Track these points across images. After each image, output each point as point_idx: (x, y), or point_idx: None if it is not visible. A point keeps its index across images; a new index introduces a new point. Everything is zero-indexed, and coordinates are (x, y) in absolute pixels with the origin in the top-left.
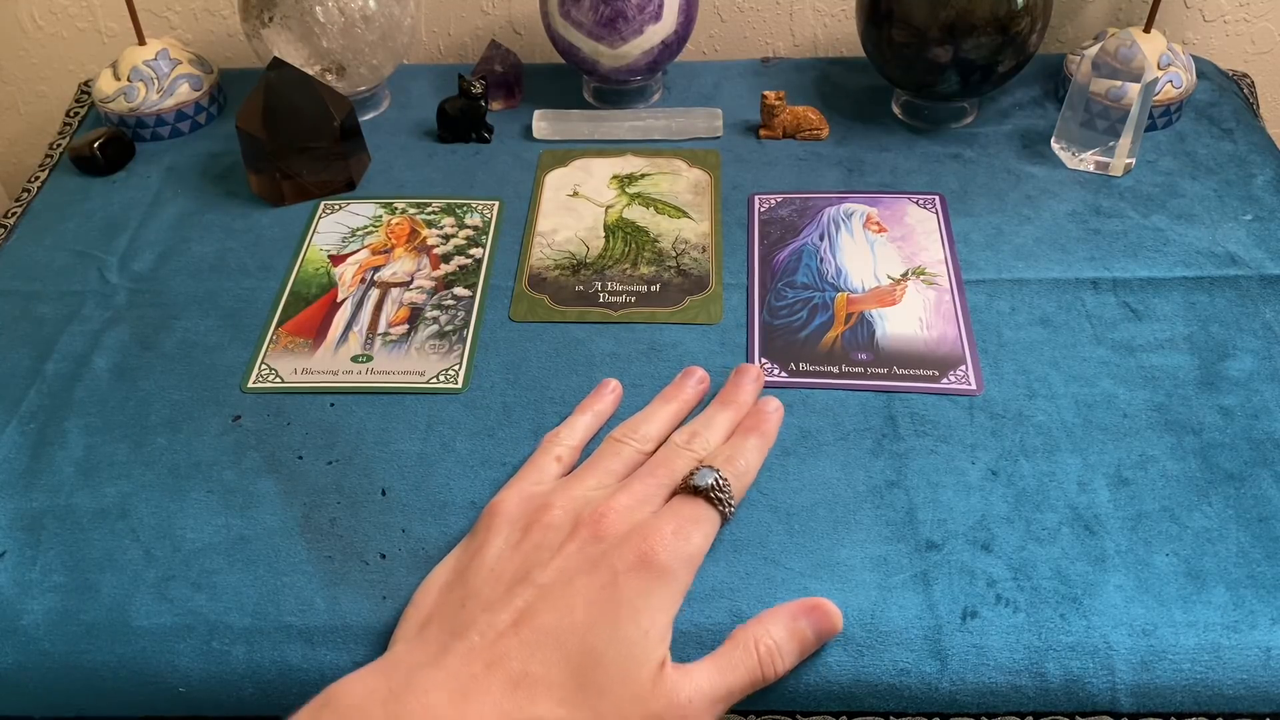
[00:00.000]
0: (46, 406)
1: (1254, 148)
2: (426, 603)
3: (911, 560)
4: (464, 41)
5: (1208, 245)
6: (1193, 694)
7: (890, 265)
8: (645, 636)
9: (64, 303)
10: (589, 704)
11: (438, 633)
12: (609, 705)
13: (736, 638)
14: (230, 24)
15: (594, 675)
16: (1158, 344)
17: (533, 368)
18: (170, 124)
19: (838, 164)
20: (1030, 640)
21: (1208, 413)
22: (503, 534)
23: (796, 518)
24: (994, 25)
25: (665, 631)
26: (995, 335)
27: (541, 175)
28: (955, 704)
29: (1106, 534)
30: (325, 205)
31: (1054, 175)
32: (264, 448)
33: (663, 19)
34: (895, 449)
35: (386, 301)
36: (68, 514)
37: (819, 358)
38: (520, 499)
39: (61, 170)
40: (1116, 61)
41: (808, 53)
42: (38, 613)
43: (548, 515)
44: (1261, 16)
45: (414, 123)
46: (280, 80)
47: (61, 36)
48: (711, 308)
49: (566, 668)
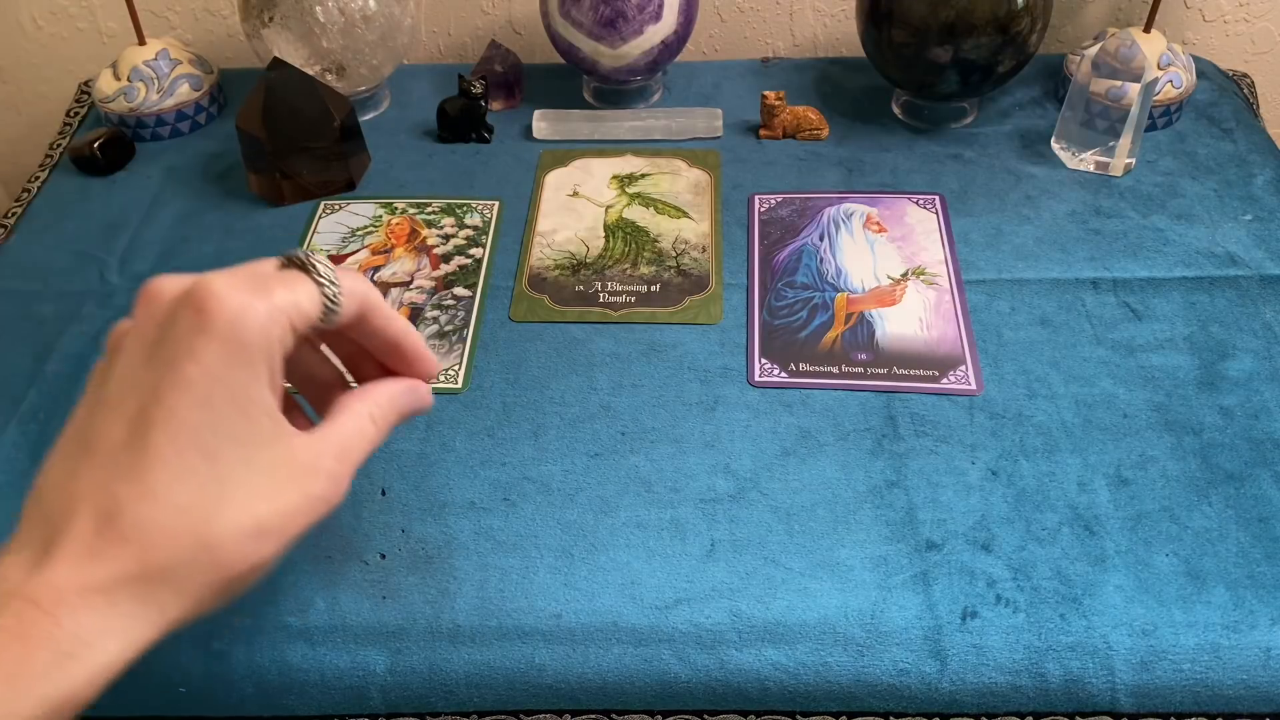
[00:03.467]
0: (46, 406)
1: (1254, 148)
2: None
3: (911, 560)
4: (464, 41)
5: (1208, 245)
6: (1193, 694)
7: (890, 265)
8: (244, 413)
9: (64, 303)
10: (234, 503)
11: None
12: (253, 498)
13: (346, 404)
14: (230, 24)
15: (220, 473)
16: (1158, 344)
17: (533, 368)
18: (170, 124)
19: (838, 164)
20: (1030, 640)
21: (1208, 413)
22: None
23: (796, 518)
24: (994, 25)
25: (268, 394)
26: (995, 335)
27: (541, 175)
28: (955, 704)
29: (1106, 534)
30: (325, 205)
31: (1054, 175)
32: None
33: (663, 19)
34: (895, 449)
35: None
36: None
37: (819, 358)
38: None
39: (61, 170)
40: (1116, 61)
41: (808, 53)
42: None
43: (113, 339)
44: (1261, 16)
45: (414, 123)
46: (280, 80)
47: (61, 36)
48: (711, 308)
49: (184, 478)
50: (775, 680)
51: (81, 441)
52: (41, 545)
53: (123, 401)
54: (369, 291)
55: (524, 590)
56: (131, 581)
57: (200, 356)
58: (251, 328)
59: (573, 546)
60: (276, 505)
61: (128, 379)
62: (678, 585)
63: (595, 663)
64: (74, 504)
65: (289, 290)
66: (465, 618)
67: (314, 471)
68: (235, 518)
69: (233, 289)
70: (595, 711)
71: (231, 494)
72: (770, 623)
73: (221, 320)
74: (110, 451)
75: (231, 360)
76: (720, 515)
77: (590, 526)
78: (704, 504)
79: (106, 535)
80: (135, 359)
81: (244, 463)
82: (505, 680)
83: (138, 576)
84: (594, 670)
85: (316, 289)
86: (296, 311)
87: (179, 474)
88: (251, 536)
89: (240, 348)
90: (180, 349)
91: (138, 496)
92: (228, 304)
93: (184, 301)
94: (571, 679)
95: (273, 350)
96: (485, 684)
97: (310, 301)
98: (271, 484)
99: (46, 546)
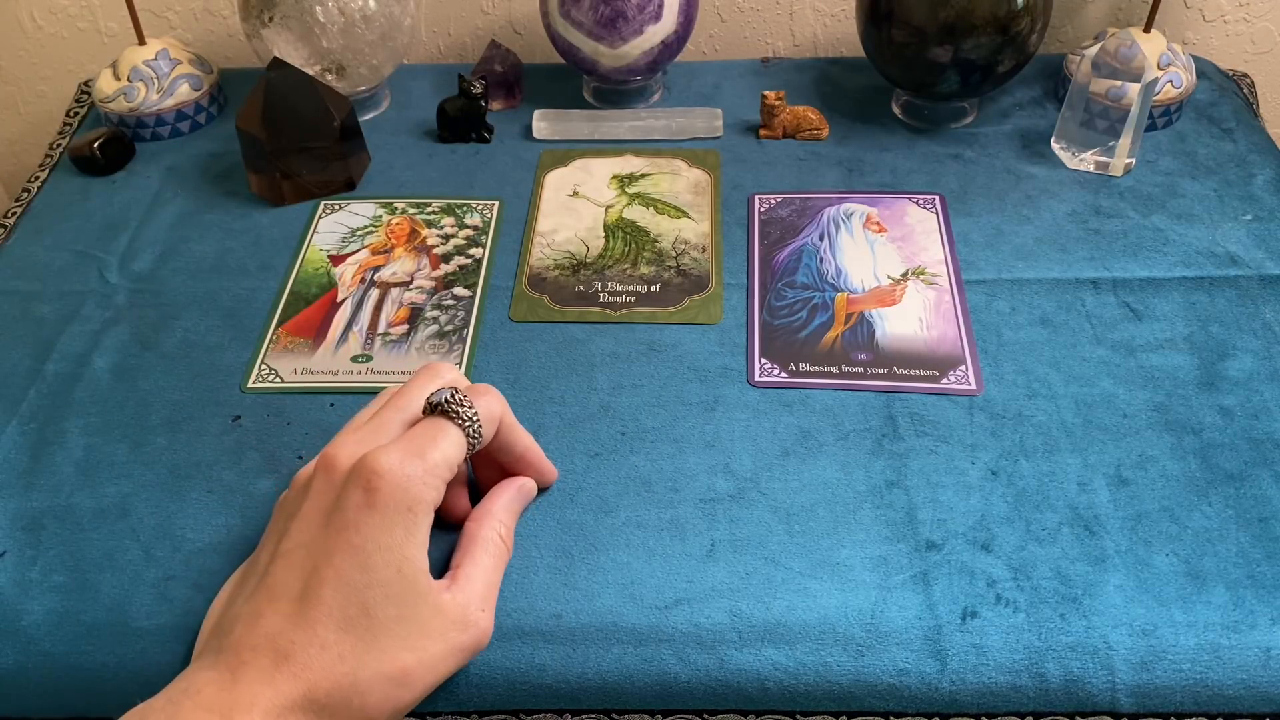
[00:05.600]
0: (46, 406)
1: (1254, 148)
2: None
3: (911, 560)
4: (464, 41)
5: (1208, 245)
6: (1193, 694)
7: (890, 265)
8: (400, 574)
9: (64, 303)
10: (384, 655)
11: (210, 638)
12: (403, 650)
13: (477, 535)
14: (230, 24)
15: (376, 628)
16: (1158, 344)
17: (533, 368)
18: (170, 124)
19: (838, 164)
20: (1030, 640)
21: (1208, 413)
22: (271, 523)
23: (796, 518)
24: (994, 25)
25: (421, 557)
26: (995, 335)
27: (541, 175)
28: (955, 704)
29: (1106, 534)
30: (325, 205)
31: (1054, 175)
32: (264, 448)
33: (663, 19)
34: (895, 449)
35: (386, 301)
36: (68, 514)
37: (819, 358)
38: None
39: (61, 170)
40: (1116, 61)
41: (808, 53)
42: (38, 613)
43: (297, 481)
44: (1261, 16)
45: (414, 123)
46: (280, 80)
47: (61, 36)
48: (711, 308)
49: (346, 631)
50: (775, 680)
51: (264, 585)
52: (229, 671)
53: (301, 560)
54: (504, 412)
55: (524, 590)
56: (297, 709)
57: (363, 527)
58: (410, 496)
59: (572, 546)
60: (422, 656)
61: (305, 540)
62: (677, 585)
63: (595, 663)
64: (258, 641)
65: (439, 448)
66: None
67: (462, 624)
68: (382, 666)
69: (394, 463)
70: (595, 711)
71: (383, 645)
72: (770, 623)
73: (383, 495)
74: (289, 599)
75: (390, 528)
76: (720, 515)
77: (590, 526)
78: (704, 504)
79: (283, 670)
80: (313, 523)
81: (397, 619)
82: (505, 680)
83: (303, 706)
84: (594, 670)
85: (461, 434)
86: (448, 466)
87: (341, 626)
88: (394, 683)
89: (399, 517)
90: (349, 519)
91: (306, 642)
92: (389, 480)
93: (354, 478)
94: (571, 679)
95: (427, 510)
96: (485, 684)
97: (458, 448)
98: (421, 637)
99: (234, 672)
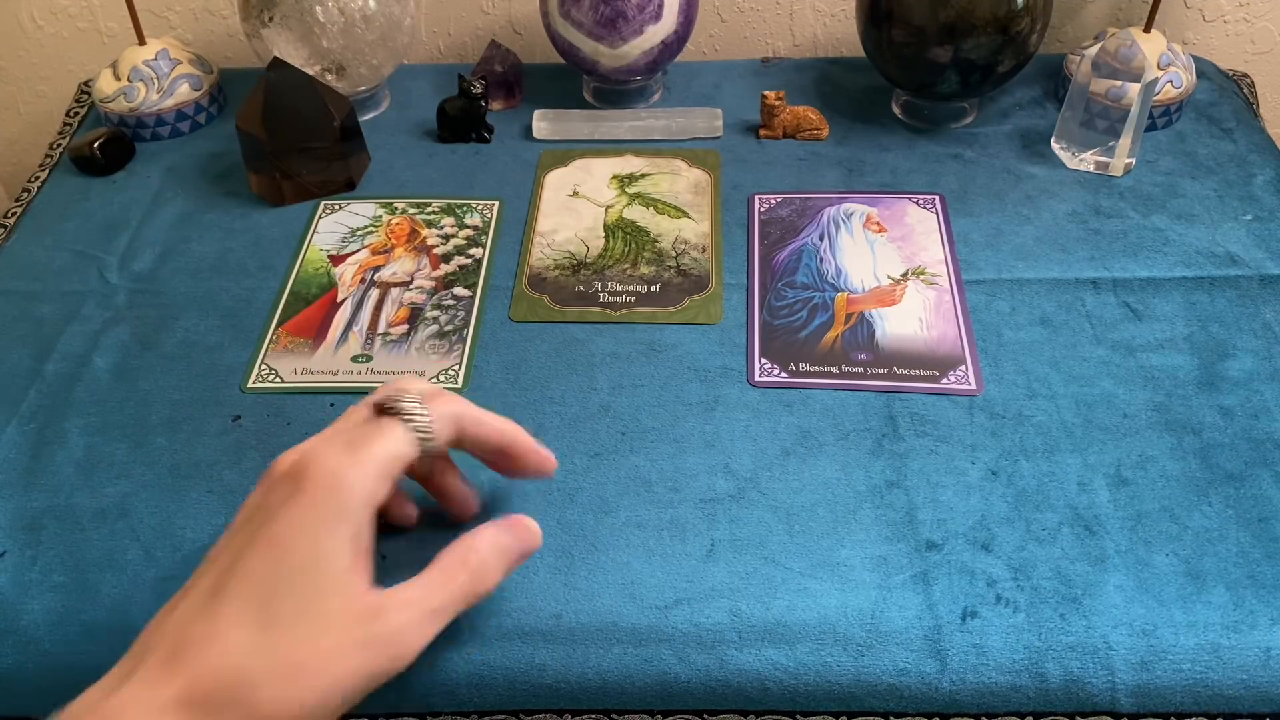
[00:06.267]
0: (46, 406)
1: (1254, 148)
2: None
3: (911, 560)
4: (464, 41)
5: (1208, 245)
6: (1193, 694)
7: (890, 265)
8: (315, 565)
9: (64, 303)
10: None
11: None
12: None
13: (442, 555)
14: (230, 24)
15: (273, 618)
16: (1158, 344)
17: (533, 368)
18: (170, 124)
19: (838, 164)
20: (1030, 640)
21: (1208, 413)
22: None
23: (796, 518)
24: (994, 25)
25: (344, 551)
26: (995, 335)
27: (541, 175)
28: (955, 704)
29: (1106, 534)
30: (325, 205)
31: (1054, 175)
32: (264, 448)
33: (663, 19)
34: (895, 449)
35: (386, 301)
36: (68, 514)
37: (819, 358)
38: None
39: (61, 170)
40: (1116, 61)
41: (808, 53)
42: (38, 613)
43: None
44: (1261, 16)
45: (414, 123)
46: (280, 80)
47: (61, 36)
48: (711, 308)
49: (242, 622)
50: (775, 680)
51: (185, 587)
52: (126, 673)
53: (219, 557)
54: (462, 410)
55: (524, 590)
56: (180, 707)
57: (283, 519)
58: (339, 490)
59: (573, 546)
60: (316, 648)
61: (228, 538)
62: (677, 585)
63: (595, 663)
64: (159, 639)
65: (381, 443)
66: (465, 617)
67: (367, 619)
68: (274, 658)
69: (322, 457)
70: (595, 711)
71: (277, 637)
72: (770, 623)
73: (308, 489)
74: (198, 596)
75: (313, 520)
76: (720, 515)
77: (590, 526)
78: (704, 504)
79: (170, 666)
80: (238, 522)
81: (300, 611)
82: (505, 680)
83: (185, 703)
84: (594, 670)
85: (407, 430)
86: (391, 460)
87: (238, 618)
88: (285, 677)
89: (324, 509)
90: (271, 513)
91: (202, 636)
92: (321, 472)
93: (288, 472)
94: (571, 679)
95: (360, 505)
96: (485, 684)
97: (405, 443)
98: (321, 629)
99: (129, 674)
